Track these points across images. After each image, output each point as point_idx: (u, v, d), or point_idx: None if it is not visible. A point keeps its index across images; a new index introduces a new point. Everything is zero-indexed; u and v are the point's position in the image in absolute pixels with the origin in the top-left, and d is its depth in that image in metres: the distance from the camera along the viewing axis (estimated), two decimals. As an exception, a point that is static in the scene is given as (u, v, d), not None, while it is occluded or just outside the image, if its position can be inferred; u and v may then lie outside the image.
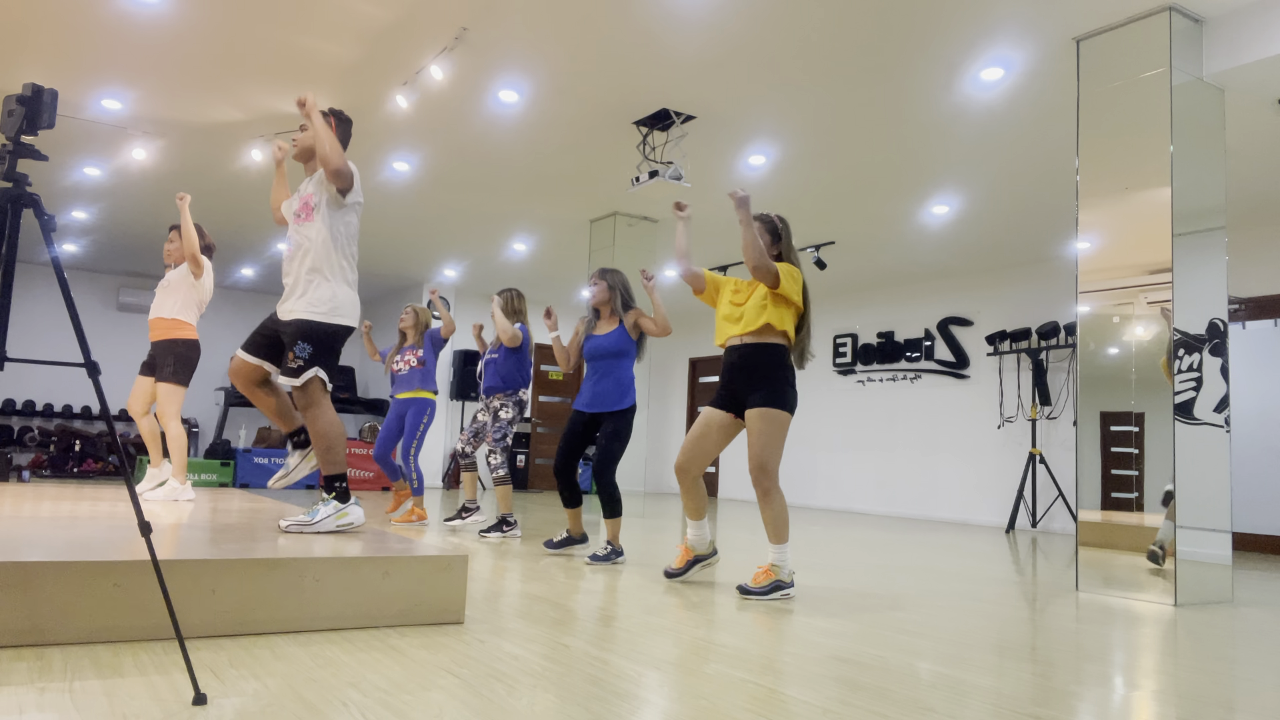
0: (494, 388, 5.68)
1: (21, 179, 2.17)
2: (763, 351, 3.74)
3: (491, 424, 5.63)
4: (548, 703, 2.00)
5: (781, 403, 3.69)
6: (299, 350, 3.36)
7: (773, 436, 3.66)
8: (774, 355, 3.73)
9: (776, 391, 3.70)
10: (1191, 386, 4.13)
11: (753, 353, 3.75)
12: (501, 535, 5.55)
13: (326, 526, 3.36)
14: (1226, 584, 4.23)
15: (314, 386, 3.37)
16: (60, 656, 2.16)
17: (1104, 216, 4.36)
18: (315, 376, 3.36)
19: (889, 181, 6.94)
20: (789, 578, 3.73)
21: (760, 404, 3.69)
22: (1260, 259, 7.44)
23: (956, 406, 9.76)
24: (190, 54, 5.28)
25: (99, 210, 8.69)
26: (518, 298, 5.77)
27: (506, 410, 5.63)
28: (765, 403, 3.68)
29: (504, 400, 5.64)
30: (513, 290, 5.78)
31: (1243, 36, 4.25)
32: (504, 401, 5.64)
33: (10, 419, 11.00)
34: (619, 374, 4.72)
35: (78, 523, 3.31)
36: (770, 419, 3.67)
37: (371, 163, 7.08)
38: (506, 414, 5.62)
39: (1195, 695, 2.37)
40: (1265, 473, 7.32)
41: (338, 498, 3.40)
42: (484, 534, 5.55)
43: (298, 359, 3.35)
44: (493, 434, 5.59)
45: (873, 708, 2.08)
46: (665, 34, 4.82)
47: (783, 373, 3.73)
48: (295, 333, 3.38)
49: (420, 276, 11.66)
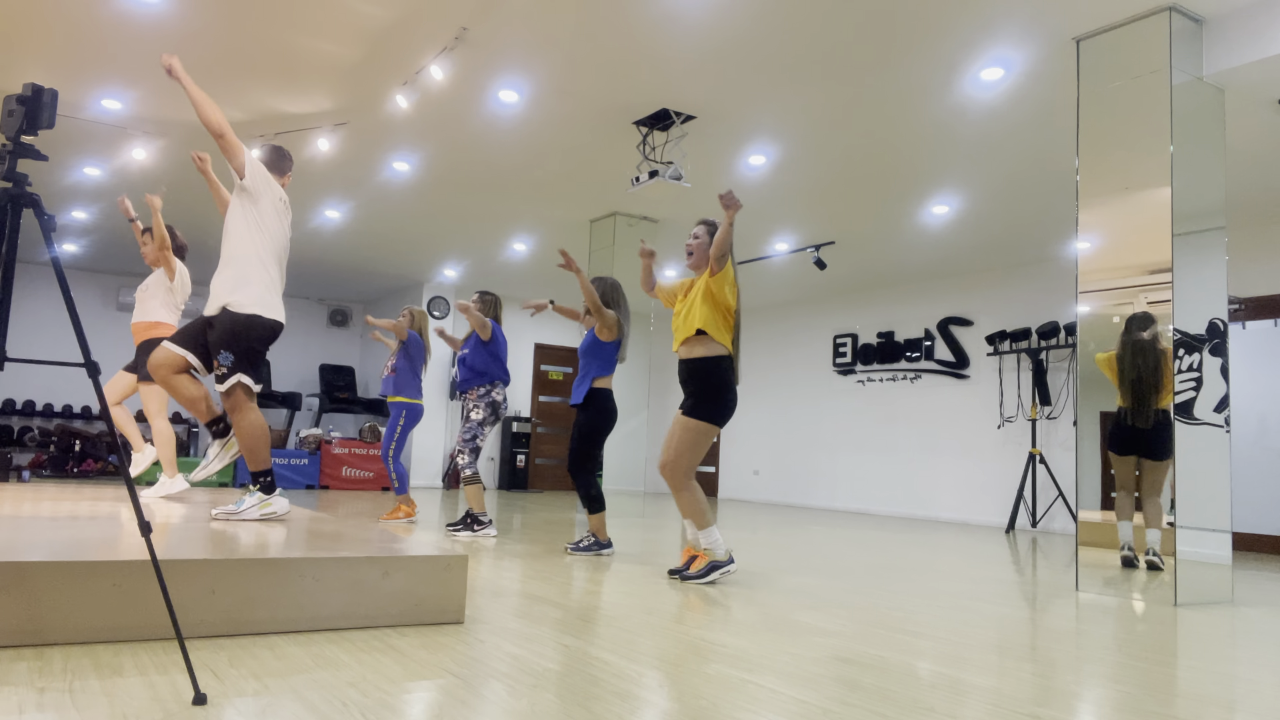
0: (467, 381, 5.66)
1: (21, 179, 2.17)
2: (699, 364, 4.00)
3: (462, 424, 5.63)
4: (548, 703, 2.00)
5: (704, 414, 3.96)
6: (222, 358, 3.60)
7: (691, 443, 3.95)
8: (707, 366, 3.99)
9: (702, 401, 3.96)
10: (1191, 386, 4.13)
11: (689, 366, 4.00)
12: (472, 534, 5.53)
13: (251, 515, 3.68)
14: (1226, 584, 4.23)
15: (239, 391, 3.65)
16: (60, 656, 2.16)
17: (1104, 216, 4.36)
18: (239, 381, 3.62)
19: (889, 181, 6.94)
20: (725, 556, 4.00)
21: (684, 410, 4.00)
22: (1260, 259, 7.44)
23: (956, 406, 9.76)
24: (190, 54, 5.28)
25: (99, 210, 8.69)
26: (496, 304, 5.80)
27: (477, 411, 5.61)
28: (689, 410, 3.98)
29: (476, 401, 5.62)
30: (492, 295, 5.80)
31: (1243, 36, 4.25)
32: (476, 402, 5.62)
33: (10, 419, 11.00)
34: (591, 373, 4.97)
35: (78, 523, 3.31)
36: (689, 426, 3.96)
37: (371, 163, 7.08)
38: (477, 415, 5.60)
39: (1195, 695, 2.37)
40: (1265, 473, 7.32)
41: (262, 490, 3.73)
42: (452, 529, 5.54)
43: (221, 366, 3.60)
44: (462, 434, 5.59)
45: (873, 708, 2.08)
46: (665, 34, 4.82)
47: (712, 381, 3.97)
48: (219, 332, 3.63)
49: (420, 277, 11.66)
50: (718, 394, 3.94)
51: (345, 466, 10.48)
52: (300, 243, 9.90)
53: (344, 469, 10.47)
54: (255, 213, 3.69)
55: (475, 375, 5.63)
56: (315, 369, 13.09)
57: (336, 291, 12.84)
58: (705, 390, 3.94)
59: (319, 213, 8.61)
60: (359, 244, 9.89)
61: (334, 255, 10.49)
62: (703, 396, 3.94)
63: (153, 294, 5.21)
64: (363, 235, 9.49)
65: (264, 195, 3.72)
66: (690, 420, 3.95)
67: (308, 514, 4.18)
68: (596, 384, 4.94)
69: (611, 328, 4.94)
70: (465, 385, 5.67)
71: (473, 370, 5.63)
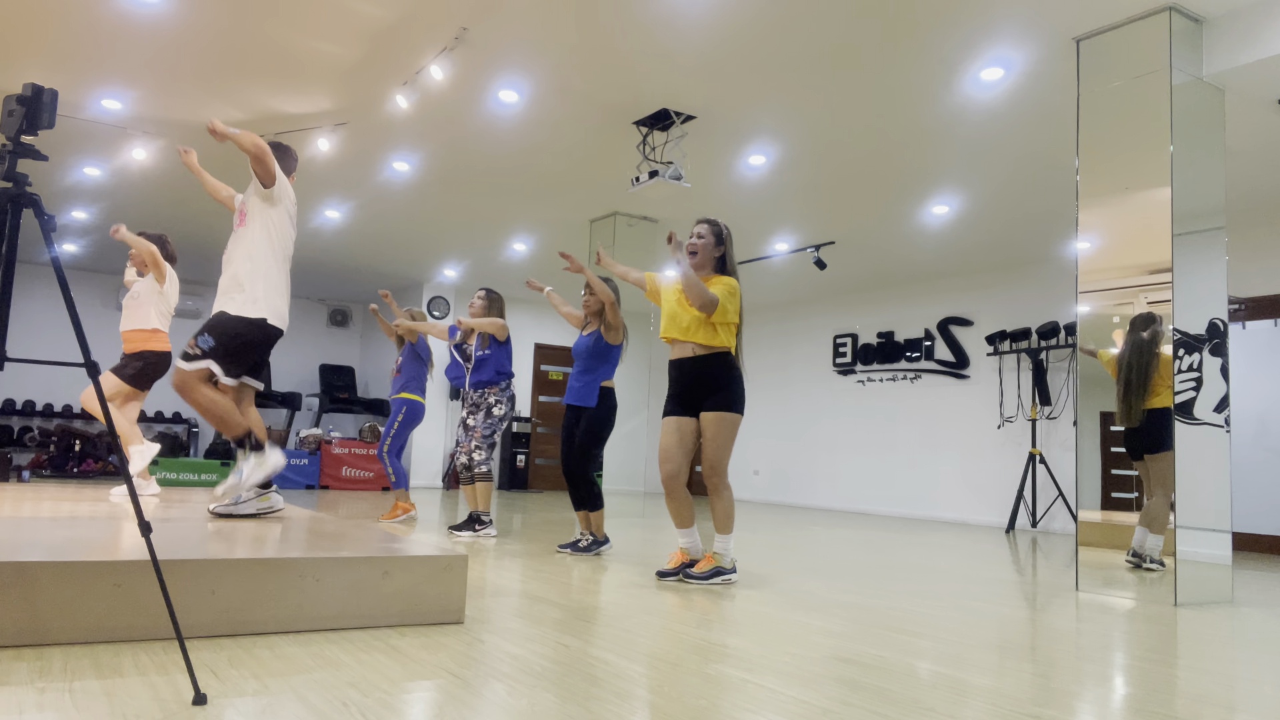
0: (489, 381, 5.64)
1: (21, 179, 2.17)
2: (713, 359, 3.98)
3: (484, 419, 5.59)
4: (548, 703, 2.00)
5: (738, 405, 3.96)
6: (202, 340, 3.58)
7: (730, 437, 3.94)
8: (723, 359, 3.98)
9: (732, 393, 3.95)
10: (1191, 386, 4.13)
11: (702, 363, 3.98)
12: (474, 534, 5.49)
13: (248, 509, 3.70)
14: (1226, 584, 4.23)
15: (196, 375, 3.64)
16: (60, 656, 2.16)
17: (1104, 216, 4.36)
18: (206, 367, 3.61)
19: (889, 182, 6.94)
20: (730, 564, 4.02)
21: (715, 407, 3.95)
22: (1260, 259, 7.44)
23: (956, 406, 9.76)
24: (190, 54, 5.28)
25: (99, 210, 8.69)
26: (501, 302, 5.77)
27: (500, 407, 5.59)
28: (720, 406, 3.94)
29: (499, 396, 5.61)
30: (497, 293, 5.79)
31: (1243, 36, 4.25)
32: (499, 398, 5.61)
33: (10, 419, 11.00)
34: (593, 374, 4.95)
35: (78, 523, 3.31)
36: (728, 420, 3.94)
37: (371, 163, 7.08)
38: (499, 410, 5.58)
39: (1195, 695, 2.37)
40: (1265, 473, 7.32)
41: (253, 449, 3.68)
42: (454, 531, 5.52)
43: (198, 347, 3.58)
44: (483, 429, 5.56)
45: (873, 708, 2.08)
46: (665, 34, 4.82)
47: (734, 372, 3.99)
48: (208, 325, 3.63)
49: (420, 277, 11.66)
50: (740, 384, 3.99)
51: (345, 466, 10.48)
52: (300, 243, 9.90)
53: (344, 469, 10.47)
54: (272, 217, 3.72)
55: (499, 375, 5.62)
56: (315, 369, 13.09)
57: (336, 291, 12.84)
58: (730, 382, 3.95)
59: (319, 213, 8.61)
60: (359, 244, 9.89)
61: (334, 255, 10.49)
62: (731, 388, 3.95)
63: (145, 300, 5.21)
64: (363, 235, 9.49)
65: (282, 200, 3.76)
66: (727, 415, 3.93)
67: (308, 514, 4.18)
68: (604, 385, 4.97)
69: (620, 329, 4.95)
70: (486, 384, 5.63)
71: (498, 371, 5.62)
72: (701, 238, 4.08)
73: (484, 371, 5.65)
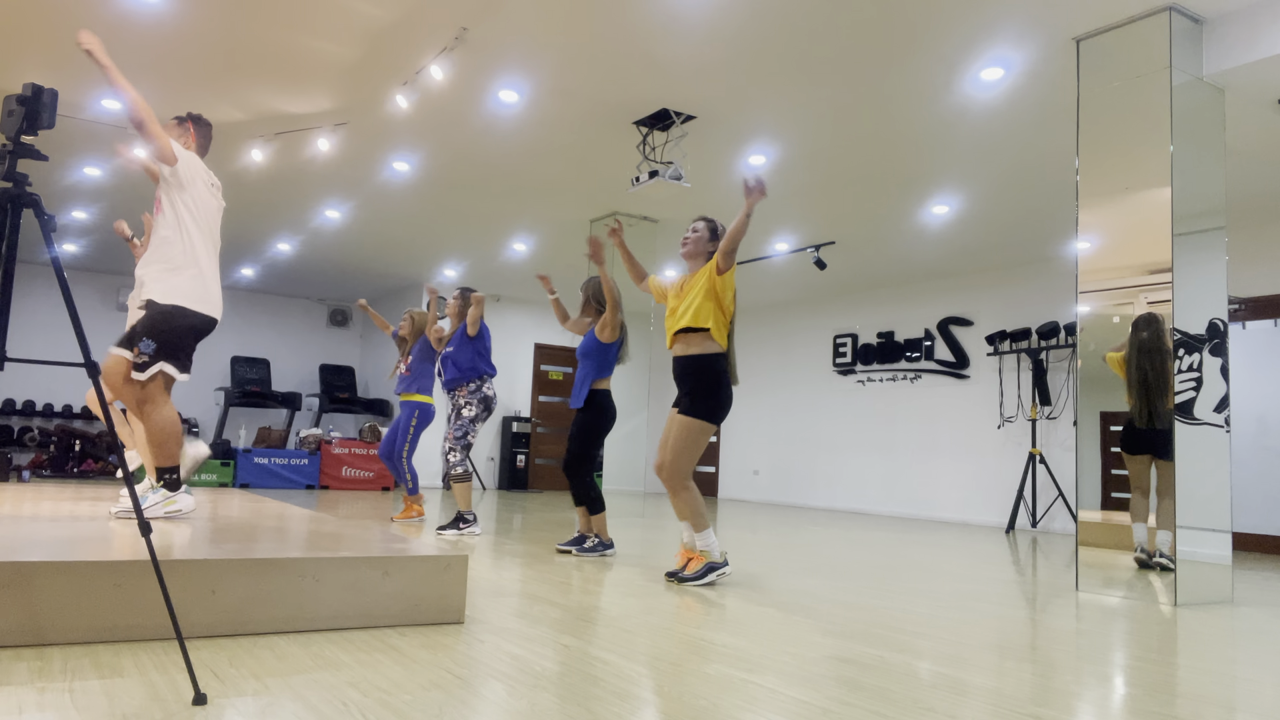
0: (454, 380, 5.65)
1: (21, 179, 2.17)
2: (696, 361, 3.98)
3: (454, 420, 5.61)
4: (548, 703, 2.00)
5: (701, 411, 3.93)
6: (144, 345, 3.48)
7: (689, 442, 3.93)
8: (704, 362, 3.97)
9: (699, 399, 3.94)
10: (1191, 386, 4.13)
11: (686, 363, 4.02)
12: (458, 533, 5.53)
13: (155, 512, 3.58)
14: (1226, 584, 4.23)
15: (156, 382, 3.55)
16: (60, 656, 2.16)
17: (1104, 216, 4.36)
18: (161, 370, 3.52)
19: (889, 181, 6.94)
20: (721, 558, 4.01)
21: (681, 409, 3.97)
22: (1260, 259, 7.44)
23: (956, 406, 9.76)
24: (190, 54, 5.28)
25: (99, 210, 8.69)
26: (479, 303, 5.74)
27: (470, 408, 5.60)
28: (685, 409, 3.96)
29: (467, 398, 5.62)
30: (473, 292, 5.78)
31: (1243, 36, 4.25)
32: (467, 399, 5.62)
33: (10, 419, 11.00)
34: (590, 375, 4.96)
35: (78, 523, 3.31)
36: (686, 425, 3.94)
37: (371, 163, 7.08)
38: (469, 411, 5.59)
39: (1195, 695, 2.37)
40: (1265, 473, 7.32)
41: (167, 486, 3.61)
42: (441, 530, 5.54)
43: (143, 354, 3.48)
44: (453, 431, 5.58)
45: (873, 708, 2.08)
46: (666, 34, 4.82)
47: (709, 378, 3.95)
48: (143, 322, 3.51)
49: (420, 277, 11.65)
50: (714, 391, 3.93)
51: (345, 466, 10.48)
52: (300, 243, 9.90)
53: (344, 469, 10.47)
54: (187, 200, 3.55)
55: (463, 373, 5.63)
56: (315, 369, 13.08)
57: (336, 291, 12.84)
58: (702, 387, 3.94)
59: (319, 213, 8.61)
60: (359, 244, 9.89)
61: (334, 255, 10.49)
62: (699, 394, 3.93)
63: None
64: (363, 235, 9.48)
65: (194, 181, 3.59)
66: (687, 419, 3.94)
67: (308, 514, 4.18)
68: (595, 385, 4.96)
69: (614, 328, 4.94)
70: (454, 384, 5.66)
71: (459, 368, 5.63)
72: (696, 231, 4.16)
73: (449, 370, 5.67)
